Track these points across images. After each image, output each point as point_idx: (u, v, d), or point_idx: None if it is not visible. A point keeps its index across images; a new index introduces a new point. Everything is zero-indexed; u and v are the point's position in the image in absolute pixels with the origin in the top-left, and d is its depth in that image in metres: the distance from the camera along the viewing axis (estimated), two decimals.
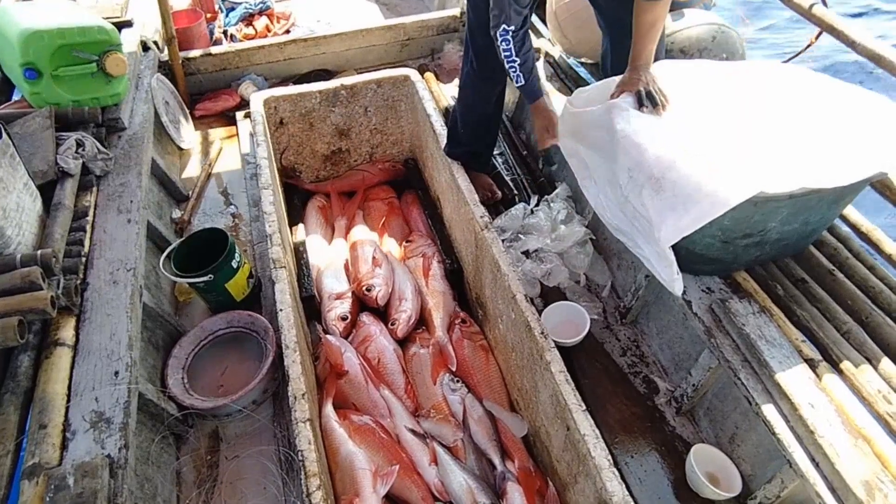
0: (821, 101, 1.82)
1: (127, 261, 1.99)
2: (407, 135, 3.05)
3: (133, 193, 2.24)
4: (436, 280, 2.44)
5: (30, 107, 2.36)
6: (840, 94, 1.84)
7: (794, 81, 1.91)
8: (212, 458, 1.96)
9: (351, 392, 2.05)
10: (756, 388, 1.65)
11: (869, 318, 1.71)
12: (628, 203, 1.78)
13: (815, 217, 1.76)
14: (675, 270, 1.68)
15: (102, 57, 2.37)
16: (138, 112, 2.66)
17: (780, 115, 1.80)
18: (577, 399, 1.60)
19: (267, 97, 2.72)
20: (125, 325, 1.80)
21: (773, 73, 1.95)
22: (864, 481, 1.37)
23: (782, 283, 1.84)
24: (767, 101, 1.85)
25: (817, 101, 1.82)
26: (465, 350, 2.20)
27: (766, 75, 1.94)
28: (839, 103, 1.81)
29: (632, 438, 2.00)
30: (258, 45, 3.60)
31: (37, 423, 1.53)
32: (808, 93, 1.86)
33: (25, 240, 1.86)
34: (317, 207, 2.84)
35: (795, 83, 1.90)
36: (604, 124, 1.89)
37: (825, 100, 1.83)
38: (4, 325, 1.57)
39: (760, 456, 1.79)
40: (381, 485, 1.74)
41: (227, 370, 2.16)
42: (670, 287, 1.72)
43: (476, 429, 1.97)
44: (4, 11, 2.39)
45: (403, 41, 3.82)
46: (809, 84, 1.90)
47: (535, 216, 2.51)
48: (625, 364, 2.22)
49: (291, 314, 1.85)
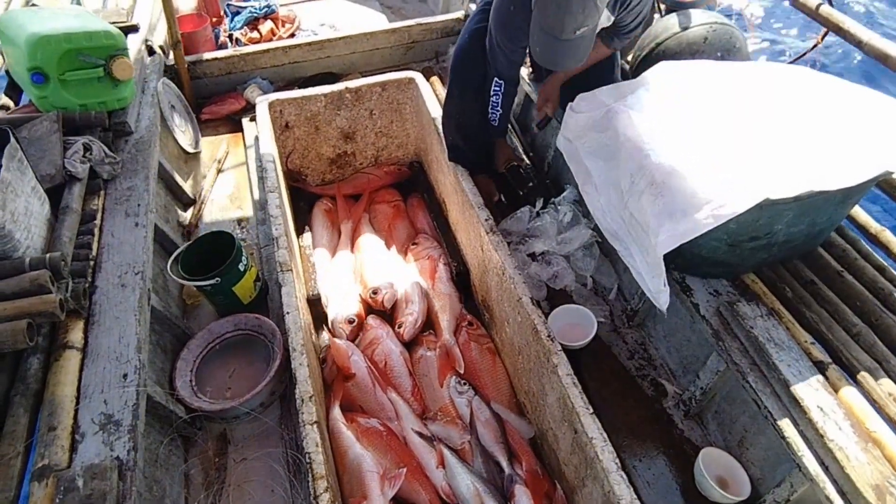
0: (825, 102, 1.81)
1: (135, 264, 2.00)
2: (412, 137, 3.05)
3: (140, 197, 2.25)
4: (442, 283, 2.44)
5: (37, 111, 2.37)
6: (845, 94, 1.83)
7: (798, 82, 1.90)
8: (220, 460, 1.96)
9: (358, 395, 2.05)
10: (765, 391, 1.64)
11: (879, 319, 1.70)
12: (626, 209, 1.78)
13: (822, 218, 1.75)
14: (663, 282, 1.67)
15: (109, 61, 2.38)
16: (145, 116, 2.67)
17: (784, 116, 1.79)
18: (585, 402, 1.60)
19: (272, 101, 2.73)
20: (133, 328, 1.80)
21: (778, 74, 1.94)
22: (875, 485, 1.36)
23: (791, 285, 1.84)
24: (771, 103, 1.84)
25: (822, 102, 1.81)
26: (472, 353, 2.20)
27: (771, 76, 1.93)
28: (844, 103, 1.80)
29: (640, 442, 1.99)
30: (263, 49, 3.61)
31: (46, 426, 1.54)
32: (812, 93, 1.85)
33: (34, 243, 1.87)
34: (323, 210, 2.84)
35: (800, 84, 1.89)
36: (606, 128, 1.89)
37: (830, 100, 1.82)
38: (14, 328, 1.57)
39: (769, 459, 1.78)
40: (389, 487, 1.73)
41: (235, 373, 2.17)
42: (655, 299, 1.71)
43: (483, 431, 1.96)
44: (12, 17, 2.41)
45: (408, 44, 3.83)
46: (814, 84, 1.89)
47: (540, 219, 2.51)
48: (632, 367, 2.21)
49: (298, 317, 1.85)
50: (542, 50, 1.75)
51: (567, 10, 1.60)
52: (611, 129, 1.86)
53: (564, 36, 1.64)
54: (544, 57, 1.79)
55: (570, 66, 1.79)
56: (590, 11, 1.61)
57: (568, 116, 2.04)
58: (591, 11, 1.61)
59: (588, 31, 1.67)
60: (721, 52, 2.38)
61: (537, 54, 1.80)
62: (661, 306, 1.70)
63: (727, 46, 2.36)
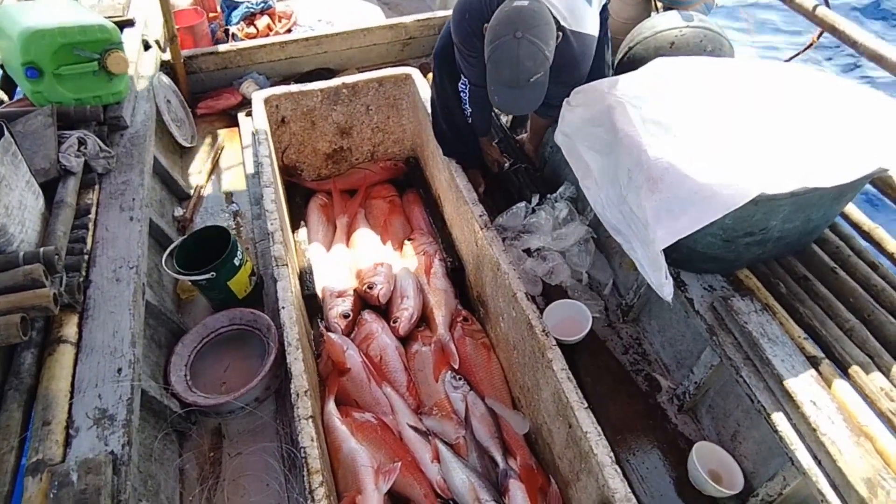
0: (820, 99, 1.81)
1: (129, 258, 1.99)
2: (408, 133, 3.05)
3: (135, 191, 2.25)
4: (437, 278, 2.44)
5: (32, 105, 2.36)
6: (839, 92, 1.84)
7: (793, 79, 1.91)
8: (214, 454, 1.96)
9: (353, 389, 2.05)
10: (758, 385, 1.65)
11: (871, 315, 1.71)
12: (626, 203, 1.78)
13: (816, 214, 1.76)
14: (665, 274, 1.68)
15: (104, 55, 2.38)
16: (140, 110, 2.66)
17: (780, 113, 1.79)
18: (579, 396, 1.60)
19: (268, 96, 2.72)
20: (128, 323, 1.80)
21: (773, 71, 1.95)
22: (867, 478, 1.37)
23: (784, 281, 1.84)
24: (767, 99, 1.85)
25: (816, 99, 1.81)
26: (467, 348, 2.21)
27: (766, 73, 1.94)
28: (838, 100, 1.80)
29: (634, 436, 2.00)
30: (260, 44, 3.60)
31: (40, 420, 1.54)
32: (807, 90, 1.85)
33: (28, 237, 1.86)
34: (318, 206, 2.84)
35: (795, 81, 1.90)
36: (604, 122, 1.89)
37: (824, 97, 1.82)
38: (7, 322, 1.57)
39: (762, 453, 1.79)
40: (384, 482, 1.74)
41: (230, 367, 2.17)
42: (659, 291, 1.72)
43: (478, 426, 1.97)
44: (6, 10, 2.39)
45: (405, 40, 3.82)
46: (809, 81, 1.89)
47: (536, 215, 2.51)
48: (627, 362, 2.22)
49: (294, 312, 1.85)
50: (500, 99, 1.86)
51: (519, 66, 1.73)
52: (608, 123, 1.86)
53: (519, 86, 1.77)
54: (503, 105, 1.91)
55: (528, 109, 1.90)
56: (540, 61, 1.73)
57: (565, 111, 2.04)
58: (542, 60, 1.74)
59: (541, 77, 1.77)
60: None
61: (496, 103, 1.90)
62: (666, 297, 1.71)
63: (696, 52, 2.32)
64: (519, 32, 1.70)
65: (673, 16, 2.38)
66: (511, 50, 1.72)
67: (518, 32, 1.70)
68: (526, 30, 1.70)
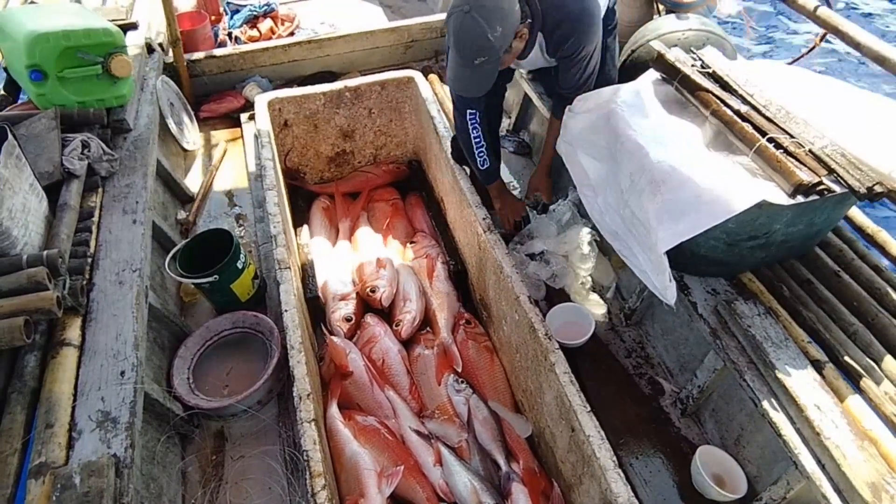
0: (823, 103, 1.81)
1: (132, 261, 1.99)
2: (411, 136, 3.05)
3: (138, 194, 2.25)
4: (440, 281, 2.44)
5: (35, 108, 2.36)
6: (844, 96, 1.84)
7: (797, 83, 1.91)
8: (217, 457, 1.96)
9: (356, 393, 2.05)
10: (762, 389, 1.64)
11: (875, 319, 1.70)
12: (627, 208, 1.78)
13: (820, 218, 1.75)
14: (668, 277, 1.68)
15: (107, 59, 2.38)
16: (143, 113, 2.67)
17: (779, 114, 1.79)
18: (582, 400, 1.60)
19: (271, 99, 2.73)
20: (131, 326, 1.80)
21: (777, 75, 1.95)
22: (871, 483, 1.37)
23: (788, 285, 1.84)
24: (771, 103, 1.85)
25: (820, 103, 1.82)
26: (470, 351, 2.20)
27: (769, 77, 1.94)
28: (841, 105, 1.81)
29: (637, 440, 1.99)
30: (262, 48, 3.60)
31: (43, 423, 1.54)
32: (811, 94, 1.86)
33: (32, 240, 1.87)
34: (321, 209, 2.84)
35: (799, 85, 1.90)
36: (606, 129, 1.89)
37: (827, 101, 1.82)
38: (11, 325, 1.57)
39: (766, 457, 1.78)
40: (386, 485, 1.74)
41: (233, 370, 2.17)
42: (662, 295, 1.71)
43: (481, 429, 1.97)
44: (10, 13, 2.41)
45: (407, 43, 3.83)
46: (813, 85, 1.89)
47: (539, 219, 2.50)
48: (630, 365, 2.22)
49: (296, 315, 1.85)
50: (450, 74, 1.94)
51: (462, 40, 1.78)
52: (611, 129, 1.87)
53: (465, 64, 1.82)
54: (451, 80, 1.98)
55: (474, 93, 1.93)
56: (482, 43, 1.75)
57: (567, 118, 2.05)
58: (484, 43, 1.75)
59: (487, 64, 1.81)
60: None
61: (448, 78, 1.99)
62: (669, 301, 1.71)
63: None
64: (467, 6, 1.73)
65: (675, 19, 2.39)
66: (457, 21, 1.76)
67: (466, 6, 1.73)
68: (475, 8, 1.72)
